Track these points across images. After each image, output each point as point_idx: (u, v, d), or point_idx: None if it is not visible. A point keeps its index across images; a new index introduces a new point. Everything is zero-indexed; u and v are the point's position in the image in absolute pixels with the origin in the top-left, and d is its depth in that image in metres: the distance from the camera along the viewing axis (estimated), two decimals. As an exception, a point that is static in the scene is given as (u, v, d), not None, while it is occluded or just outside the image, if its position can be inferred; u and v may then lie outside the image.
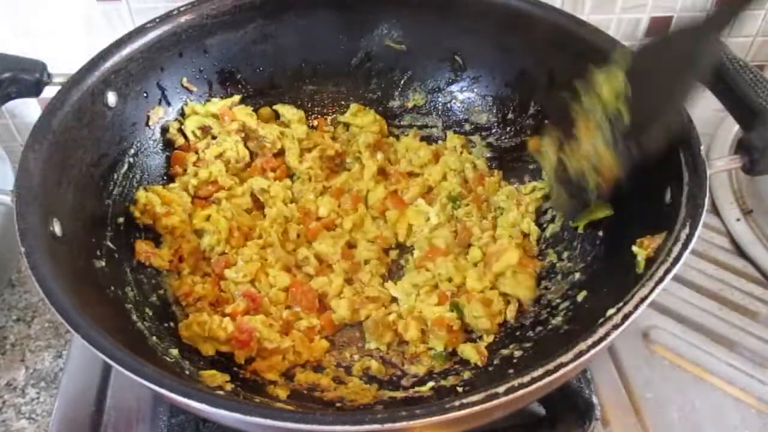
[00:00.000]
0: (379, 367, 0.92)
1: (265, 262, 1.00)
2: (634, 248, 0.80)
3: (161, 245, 1.00)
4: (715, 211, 1.23)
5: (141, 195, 0.99)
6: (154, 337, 0.85)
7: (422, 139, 1.18)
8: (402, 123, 1.20)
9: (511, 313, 0.95)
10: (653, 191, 0.83)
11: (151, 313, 0.90)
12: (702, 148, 0.79)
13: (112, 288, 0.87)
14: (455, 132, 1.17)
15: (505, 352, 0.91)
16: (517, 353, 0.90)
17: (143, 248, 0.96)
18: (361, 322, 0.98)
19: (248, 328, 0.89)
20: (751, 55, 1.43)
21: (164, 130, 1.06)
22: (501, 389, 0.62)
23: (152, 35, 0.98)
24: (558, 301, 0.95)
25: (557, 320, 0.92)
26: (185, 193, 1.04)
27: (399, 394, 0.88)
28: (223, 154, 1.08)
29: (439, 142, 1.18)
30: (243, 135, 1.10)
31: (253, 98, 1.14)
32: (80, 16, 1.19)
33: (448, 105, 1.18)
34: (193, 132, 1.06)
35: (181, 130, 1.07)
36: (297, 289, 0.97)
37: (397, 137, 1.19)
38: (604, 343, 0.66)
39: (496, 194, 1.09)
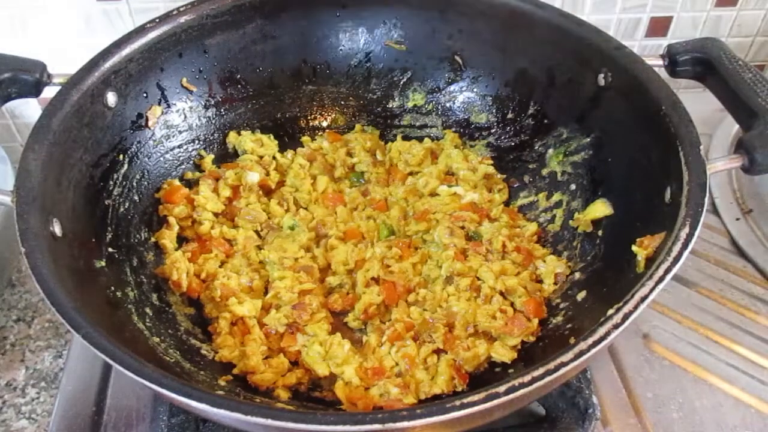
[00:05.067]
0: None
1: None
2: (634, 248, 0.80)
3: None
4: (714, 210, 1.23)
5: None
6: (155, 337, 0.85)
7: (421, 139, 1.18)
8: (402, 123, 1.20)
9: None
10: (653, 191, 0.83)
11: (151, 313, 0.90)
12: (702, 148, 0.79)
13: (112, 288, 0.87)
14: (454, 132, 1.17)
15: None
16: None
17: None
18: (364, 327, 0.98)
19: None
20: (751, 55, 1.44)
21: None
22: (501, 389, 0.62)
23: (152, 35, 0.98)
24: (558, 301, 0.95)
25: (557, 320, 0.92)
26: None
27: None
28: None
29: (440, 141, 1.18)
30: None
31: (253, 98, 1.14)
32: (80, 15, 1.19)
33: (448, 105, 1.18)
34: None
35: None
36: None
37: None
38: (604, 343, 0.66)
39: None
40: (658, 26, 1.35)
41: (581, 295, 0.91)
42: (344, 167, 1.14)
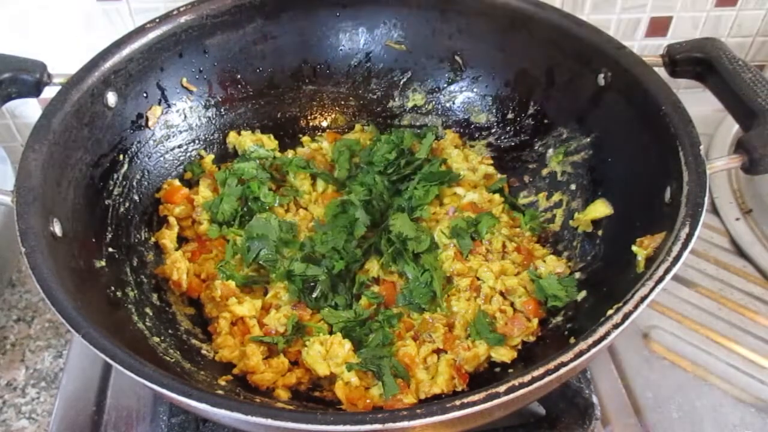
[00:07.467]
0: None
1: None
2: (634, 248, 0.80)
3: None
4: (714, 210, 1.23)
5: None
6: (155, 337, 0.85)
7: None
8: (402, 123, 1.20)
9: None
10: (653, 191, 0.83)
11: (151, 313, 0.90)
12: (702, 148, 0.79)
13: (113, 288, 0.87)
14: (454, 132, 1.17)
15: (505, 351, 0.91)
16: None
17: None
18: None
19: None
20: (751, 55, 1.44)
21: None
22: (501, 389, 0.62)
23: (152, 35, 0.98)
24: (558, 301, 0.95)
25: (557, 320, 0.92)
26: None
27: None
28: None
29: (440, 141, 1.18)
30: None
31: (253, 98, 1.14)
32: (80, 15, 1.19)
33: (448, 105, 1.18)
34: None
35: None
36: None
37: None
38: (604, 343, 0.66)
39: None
40: (658, 26, 1.35)
41: (581, 295, 0.91)
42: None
